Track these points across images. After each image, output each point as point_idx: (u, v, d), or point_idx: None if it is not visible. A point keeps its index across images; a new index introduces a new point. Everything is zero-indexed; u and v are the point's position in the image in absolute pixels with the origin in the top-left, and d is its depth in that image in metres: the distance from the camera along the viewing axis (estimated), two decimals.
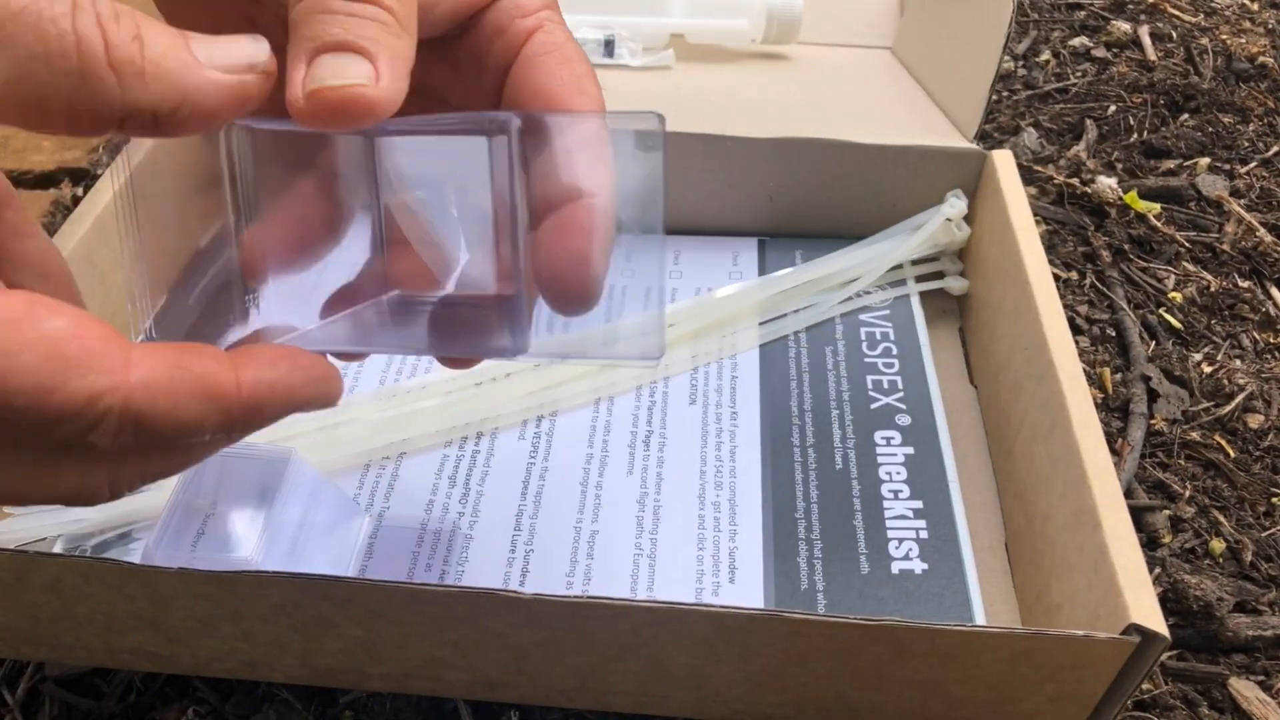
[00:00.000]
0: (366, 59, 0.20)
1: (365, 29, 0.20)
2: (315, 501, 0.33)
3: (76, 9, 0.18)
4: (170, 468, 0.22)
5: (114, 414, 0.18)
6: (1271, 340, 0.48)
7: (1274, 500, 0.41)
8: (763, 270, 0.45)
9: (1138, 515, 0.40)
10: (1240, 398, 0.45)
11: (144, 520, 0.35)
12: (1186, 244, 0.53)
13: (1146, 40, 0.67)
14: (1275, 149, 0.59)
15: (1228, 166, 0.57)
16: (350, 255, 0.25)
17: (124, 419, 0.18)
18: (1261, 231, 0.53)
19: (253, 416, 0.20)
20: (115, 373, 0.18)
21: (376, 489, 0.36)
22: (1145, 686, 0.35)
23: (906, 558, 0.34)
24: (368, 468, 0.37)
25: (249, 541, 0.30)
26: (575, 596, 0.28)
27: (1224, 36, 0.67)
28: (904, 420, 0.39)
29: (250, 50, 0.20)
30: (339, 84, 0.20)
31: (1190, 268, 0.51)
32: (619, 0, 0.51)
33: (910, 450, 0.38)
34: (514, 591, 0.28)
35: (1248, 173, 0.57)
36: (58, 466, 0.20)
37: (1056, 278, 0.50)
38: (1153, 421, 0.44)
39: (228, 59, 0.19)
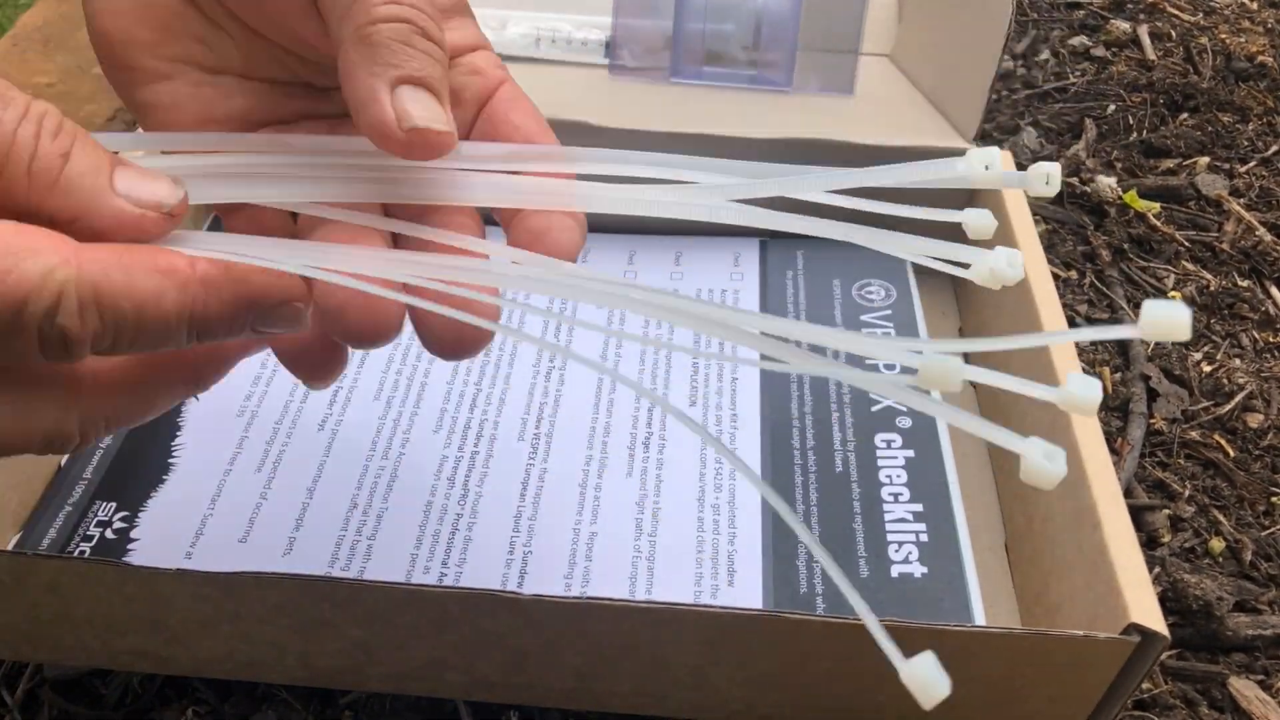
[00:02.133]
0: (437, 99, 0.23)
1: (435, 69, 0.23)
2: None
3: (24, 118, 0.20)
4: (136, 410, 0.24)
5: (71, 287, 0.19)
6: (1271, 339, 0.48)
7: (1273, 499, 0.41)
8: (764, 270, 0.45)
9: (1137, 515, 0.40)
10: (1240, 397, 0.45)
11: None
12: (1186, 243, 0.53)
13: (1146, 39, 0.67)
14: (1275, 148, 0.59)
15: (1227, 166, 0.57)
16: None
17: (83, 293, 0.19)
18: (1261, 230, 0.53)
19: (211, 299, 0.21)
20: (64, 251, 0.20)
21: (375, 489, 0.36)
22: (1145, 686, 0.35)
23: (906, 561, 0.34)
24: (366, 468, 0.37)
25: None
26: (574, 598, 0.28)
27: (1223, 36, 0.67)
28: (904, 423, 0.39)
29: (165, 193, 0.22)
30: (433, 127, 0.23)
31: (1190, 267, 0.51)
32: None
33: (910, 453, 0.37)
34: (513, 592, 0.28)
35: (1247, 172, 0.57)
36: (33, 405, 0.21)
37: (1056, 277, 0.50)
38: (1152, 421, 0.44)
39: (141, 194, 0.22)
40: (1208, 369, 0.46)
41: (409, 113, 0.22)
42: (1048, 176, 0.26)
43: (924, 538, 0.35)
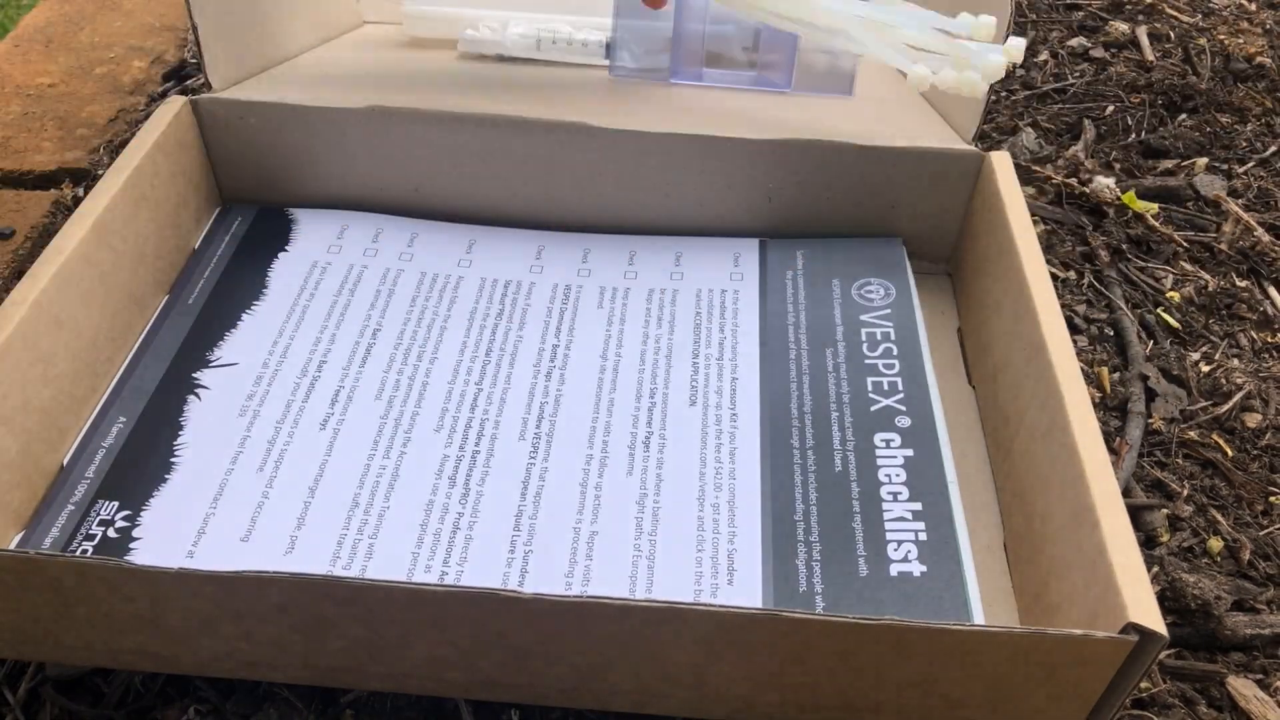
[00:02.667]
0: None
1: None
2: None
3: None
4: None
5: None
6: (1269, 339, 0.48)
7: (1271, 499, 0.41)
8: (764, 270, 0.45)
9: (1136, 514, 0.40)
10: (1238, 397, 0.45)
11: None
12: (1184, 244, 0.53)
13: (1144, 40, 0.67)
14: (1273, 149, 0.59)
15: (1225, 166, 0.58)
16: None
17: None
18: (1259, 231, 0.53)
19: None
20: None
21: (376, 489, 0.36)
22: (1144, 685, 0.35)
23: (905, 560, 0.34)
24: (368, 468, 0.37)
25: None
26: (575, 596, 0.28)
27: (1222, 37, 0.68)
28: (904, 422, 0.39)
29: None
30: None
31: (1188, 267, 0.52)
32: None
33: (910, 452, 0.38)
34: (514, 591, 0.28)
35: (1245, 172, 0.57)
36: None
37: (1055, 277, 0.50)
38: (1151, 421, 0.44)
39: None
40: (1206, 369, 0.46)
41: None
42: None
43: (923, 536, 0.35)
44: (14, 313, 0.35)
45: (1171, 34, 0.68)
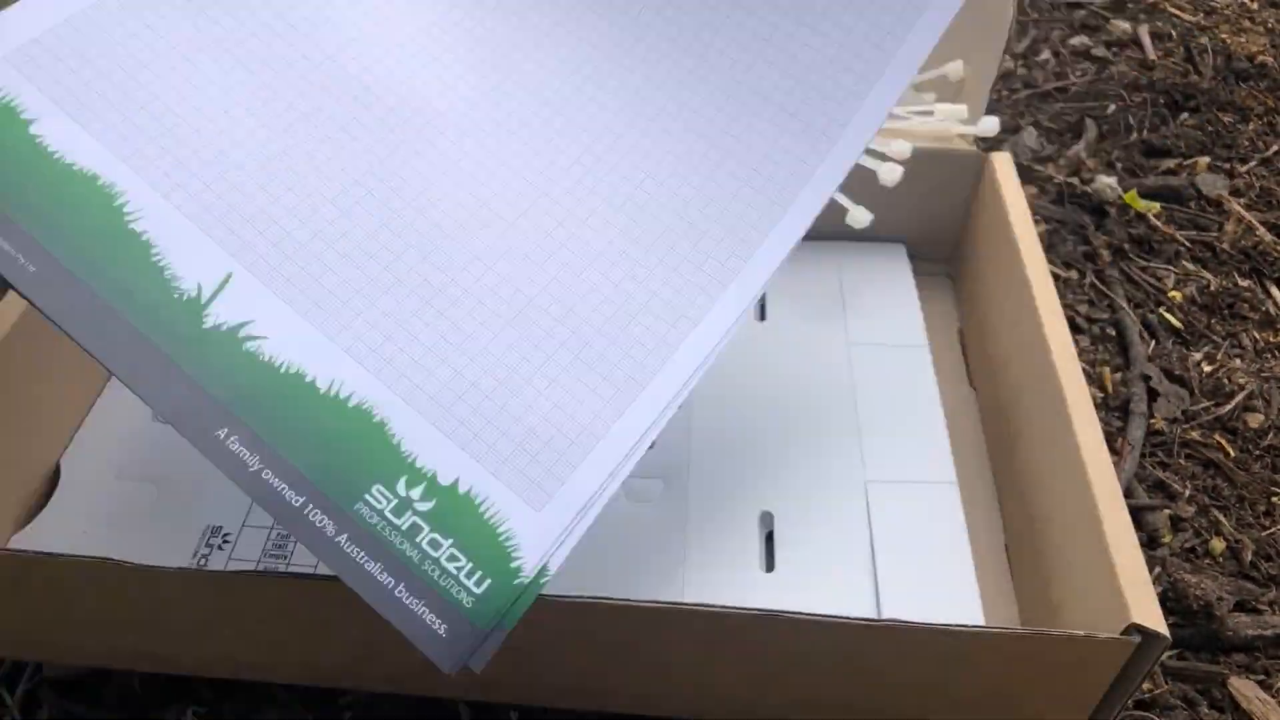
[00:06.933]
0: None
1: None
2: None
3: None
4: None
5: None
6: (1271, 339, 0.48)
7: (1274, 499, 0.41)
8: None
9: (1138, 515, 0.40)
10: (1240, 397, 0.45)
11: None
12: (1186, 243, 0.53)
13: (1146, 39, 0.67)
14: (1275, 148, 0.59)
15: (1227, 165, 0.57)
16: None
17: None
18: (1261, 230, 0.53)
19: None
20: None
21: None
22: (1146, 686, 0.35)
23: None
24: None
25: None
26: (575, 596, 0.28)
27: (1224, 35, 0.68)
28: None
29: None
30: None
31: (1190, 267, 0.51)
32: None
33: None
34: None
35: (1247, 172, 0.57)
36: None
37: (1056, 277, 0.50)
38: (1153, 421, 0.44)
39: None
40: (1208, 369, 0.46)
41: None
42: None
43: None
44: (13, 312, 0.35)
45: (1173, 33, 0.68)
